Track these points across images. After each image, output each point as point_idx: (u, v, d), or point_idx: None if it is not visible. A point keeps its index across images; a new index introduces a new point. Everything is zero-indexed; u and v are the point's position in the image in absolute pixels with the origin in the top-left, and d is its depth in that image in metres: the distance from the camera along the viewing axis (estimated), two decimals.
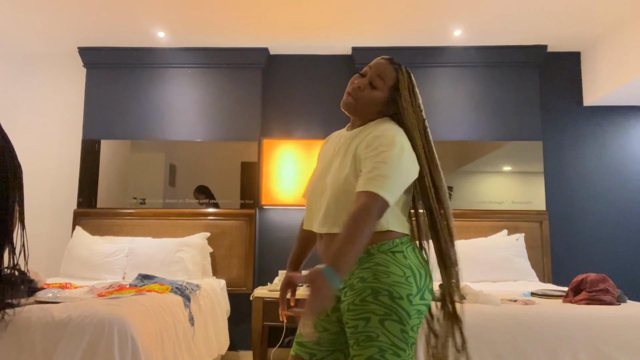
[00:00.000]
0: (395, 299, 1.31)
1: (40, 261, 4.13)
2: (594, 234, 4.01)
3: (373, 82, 1.48)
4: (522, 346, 1.99)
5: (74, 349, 1.97)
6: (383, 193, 1.30)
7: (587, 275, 2.46)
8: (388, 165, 1.33)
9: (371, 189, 1.30)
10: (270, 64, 4.27)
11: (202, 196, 4.00)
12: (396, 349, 1.31)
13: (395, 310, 1.31)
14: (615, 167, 4.06)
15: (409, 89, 1.48)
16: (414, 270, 1.37)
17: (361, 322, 1.32)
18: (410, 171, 1.39)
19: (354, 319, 1.34)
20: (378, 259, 1.36)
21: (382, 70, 1.49)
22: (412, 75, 1.52)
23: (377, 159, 1.34)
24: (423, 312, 1.37)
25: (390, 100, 1.49)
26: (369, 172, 1.33)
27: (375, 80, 1.48)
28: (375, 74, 1.48)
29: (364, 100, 1.48)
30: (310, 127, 4.17)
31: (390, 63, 1.50)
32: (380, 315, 1.31)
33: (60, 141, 4.25)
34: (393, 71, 1.49)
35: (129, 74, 4.17)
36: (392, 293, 1.32)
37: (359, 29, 3.80)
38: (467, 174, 3.99)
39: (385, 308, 1.31)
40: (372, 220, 1.28)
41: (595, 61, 3.98)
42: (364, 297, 1.33)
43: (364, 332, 1.32)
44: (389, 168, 1.33)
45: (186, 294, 2.85)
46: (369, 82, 1.48)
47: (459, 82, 4.09)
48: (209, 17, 3.63)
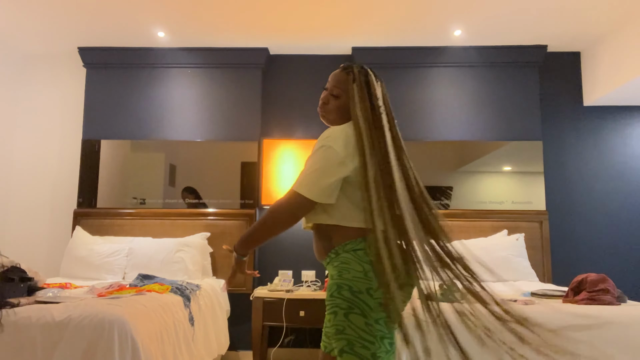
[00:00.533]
0: (355, 293, 1.41)
1: (40, 261, 4.13)
2: (594, 234, 4.01)
3: (333, 92, 1.61)
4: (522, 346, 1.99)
5: (74, 349, 1.97)
6: (300, 189, 1.45)
7: (587, 275, 2.46)
8: (310, 163, 1.49)
9: (293, 187, 1.48)
10: (270, 64, 4.27)
11: (192, 196, 4.00)
12: (363, 342, 1.39)
13: (357, 304, 1.41)
14: (615, 167, 4.06)
15: (360, 84, 1.56)
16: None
17: (331, 316, 1.44)
18: (332, 166, 1.46)
19: (327, 313, 1.47)
20: (342, 257, 1.47)
21: (337, 79, 1.61)
22: (370, 72, 1.60)
23: (308, 159, 1.51)
24: None
25: None
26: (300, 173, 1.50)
27: (334, 90, 1.61)
28: (333, 84, 1.61)
29: (331, 111, 1.62)
30: (310, 127, 4.17)
31: (343, 69, 1.62)
32: (345, 309, 1.41)
33: (60, 141, 4.25)
34: (345, 75, 1.60)
35: (129, 74, 4.17)
36: (352, 287, 1.42)
37: (359, 29, 3.80)
38: (467, 174, 3.99)
39: (348, 302, 1.41)
40: (281, 214, 1.45)
41: (595, 61, 3.98)
42: (331, 292, 1.45)
43: (334, 326, 1.42)
44: (309, 166, 1.48)
45: (186, 294, 2.85)
46: (330, 94, 1.62)
47: (459, 82, 4.09)
48: (209, 17, 3.63)
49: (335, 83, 1.61)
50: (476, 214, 3.90)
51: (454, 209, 3.94)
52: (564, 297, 2.50)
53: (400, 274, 1.42)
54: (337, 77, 1.62)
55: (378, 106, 1.55)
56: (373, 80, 1.59)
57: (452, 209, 3.94)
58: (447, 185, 3.98)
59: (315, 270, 4.02)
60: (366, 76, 1.58)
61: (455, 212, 3.91)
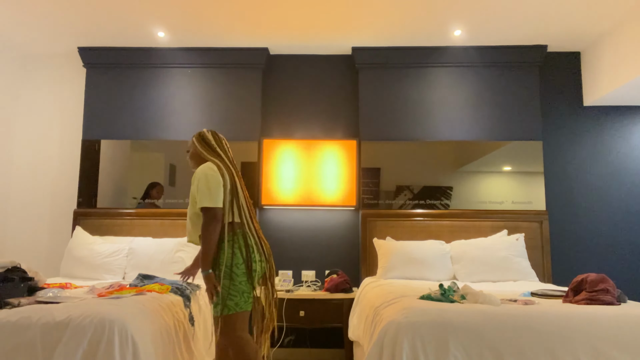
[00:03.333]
0: (230, 267, 2.30)
1: (40, 261, 4.13)
2: (594, 234, 4.01)
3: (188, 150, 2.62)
4: (522, 346, 1.99)
5: (74, 349, 1.97)
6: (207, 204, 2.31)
7: (587, 275, 2.46)
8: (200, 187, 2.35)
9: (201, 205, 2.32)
10: (270, 64, 4.27)
11: (154, 190, 4.00)
12: (231, 296, 2.30)
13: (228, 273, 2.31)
14: (615, 167, 4.06)
15: (201, 142, 2.55)
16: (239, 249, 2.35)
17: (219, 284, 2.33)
18: (216, 186, 2.35)
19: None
20: (220, 246, 2.33)
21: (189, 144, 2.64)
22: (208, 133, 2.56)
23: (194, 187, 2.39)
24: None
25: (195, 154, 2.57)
26: (197, 197, 2.35)
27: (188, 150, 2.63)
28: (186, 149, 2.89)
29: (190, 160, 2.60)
30: (310, 127, 4.17)
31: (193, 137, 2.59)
32: (221, 278, 2.30)
33: (60, 141, 4.26)
34: (192, 139, 2.59)
35: (129, 74, 4.17)
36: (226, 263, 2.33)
37: (359, 29, 3.80)
38: (467, 174, 3.99)
39: (222, 272, 2.31)
40: (212, 225, 2.30)
41: (595, 61, 3.98)
42: (214, 269, 2.34)
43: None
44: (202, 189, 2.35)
45: (186, 294, 2.86)
46: (187, 151, 2.63)
47: (459, 82, 4.09)
48: (209, 17, 3.63)
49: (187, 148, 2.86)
50: (476, 214, 3.90)
51: (454, 209, 3.94)
52: (564, 297, 2.51)
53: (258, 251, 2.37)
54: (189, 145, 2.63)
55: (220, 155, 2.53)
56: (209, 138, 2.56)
57: (452, 209, 3.94)
58: (447, 185, 3.98)
59: (315, 270, 4.03)
60: (203, 136, 2.56)
61: (455, 212, 3.91)
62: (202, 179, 2.33)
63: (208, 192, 2.30)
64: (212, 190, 2.31)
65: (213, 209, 2.30)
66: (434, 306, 2.15)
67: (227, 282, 2.25)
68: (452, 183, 3.98)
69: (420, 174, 4.00)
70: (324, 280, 3.93)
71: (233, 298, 2.25)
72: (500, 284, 3.34)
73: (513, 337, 2.00)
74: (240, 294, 2.27)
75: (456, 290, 2.46)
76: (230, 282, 2.25)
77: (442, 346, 1.99)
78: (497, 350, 1.99)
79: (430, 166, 4.00)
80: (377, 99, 4.09)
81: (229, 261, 2.27)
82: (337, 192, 4.00)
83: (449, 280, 3.50)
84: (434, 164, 4.00)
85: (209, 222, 2.28)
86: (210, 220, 2.28)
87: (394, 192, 3.99)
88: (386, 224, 3.92)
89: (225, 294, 2.25)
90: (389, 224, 3.92)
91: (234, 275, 2.26)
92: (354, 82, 4.23)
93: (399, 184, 3.99)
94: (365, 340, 2.52)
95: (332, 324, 3.53)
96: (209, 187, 2.31)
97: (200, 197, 2.31)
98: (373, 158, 4.02)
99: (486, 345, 1.99)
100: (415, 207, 3.96)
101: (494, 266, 3.46)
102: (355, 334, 3.02)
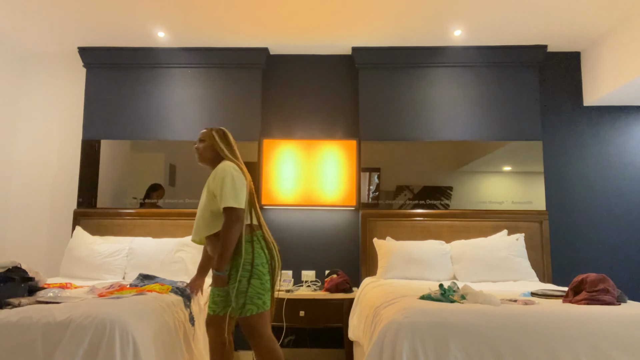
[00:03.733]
0: (256, 267, 2.30)
1: (40, 261, 4.13)
2: (594, 234, 4.01)
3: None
4: (522, 346, 1.99)
5: (75, 349, 1.97)
6: (232, 204, 2.28)
7: (587, 275, 2.46)
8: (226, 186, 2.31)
9: (224, 205, 2.28)
10: (270, 64, 4.27)
11: (155, 194, 4.00)
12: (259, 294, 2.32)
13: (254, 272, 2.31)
14: (615, 167, 4.07)
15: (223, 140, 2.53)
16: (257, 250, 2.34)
17: (236, 284, 2.28)
18: (241, 187, 2.33)
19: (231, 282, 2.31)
20: (240, 247, 2.31)
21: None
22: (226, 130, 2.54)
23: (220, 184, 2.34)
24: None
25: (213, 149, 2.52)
26: (219, 195, 2.31)
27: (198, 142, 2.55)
28: (198, 138, 2.57)
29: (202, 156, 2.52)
30: (310, 127, 4.17)
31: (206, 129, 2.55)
32: (247, 277, 2.27)
33: (60, 141, 4.26)
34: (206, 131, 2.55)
35: (129, 74, 4.17)
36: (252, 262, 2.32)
37: (359, 29, 3.80)
38: (467, 174, 3.99)
39: (248, 272, 2.29)
40: (235, 226, 2.26)
41: (595, 61, 3.98)
42: (237, 268, 2.30)
43: (239, 289, 2.27)
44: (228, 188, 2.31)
45: (187, 294, 2.86)
46: (200, 140, 2.53)
47: (459, 82, 4.09)
48: (209, 17, 3.63)
49: (200, 137, 2.59)
50: (476, 214, 3.91)
51: (454, 209, 3.94)
52: (564, 297, 2.51)
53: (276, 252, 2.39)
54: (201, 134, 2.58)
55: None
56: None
57: (452, 209, 3.94)
58: (447, 185, 3.99)
59: (315, 270, 4.03)
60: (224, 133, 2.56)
61: (455, 212, 3.91)
62: (228, 178, 2.29)
63: (234, 192, 2.28)
64: (238, 191, 2.28)
65: (237, 209, 2.27)
66: (434, 306, 2.15)
67: (257, 281, 2.26)
68: (452, 183, 3.99)
69: (420, 174, 4.00)
70: (324, 280, 3.93)
71: (261, 297, 2.26)
72: (500, 284, 3.34)
73: (513, 337, 2.00)
74: (266, 292, 2.29)
75: (456, 290, 2.46)
76: (259, 281, 2.26)
77: (442, 346, 1.99)
78: (497, 350, 1.99)
79: (430, 166, 4.00)
80: (377, 99, 4.09)
81: (254, 261, 2.27)
82: (337, 192, 4.00)
83: (449, 280, 3.50)
84: (434, 164, 4.00)
85: (232, 223, 2.25)
86: (234, 220, 2.25)
87: (394, 192, 3.99)
88: (386, 224, 3.93)
89: (253, 294, 2.25)
90: (389, 224, 3.93)
91: (260, 274, 2.27)
92: (354, 82, 4.23)
93: (399, 184, 4.00)
94: (365, 340, 2.52)
95: (332, 324, 3.53)
96: (235, 187, 2.28)
97: (226, 196, 2.27)
98: (373, 158, 4.02)
99: (486, 345, 1.99)
100: (415, 207, 3.96)
101: (494, 266, 3.47)
102: (355, 334, 3.02)
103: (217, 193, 2.31)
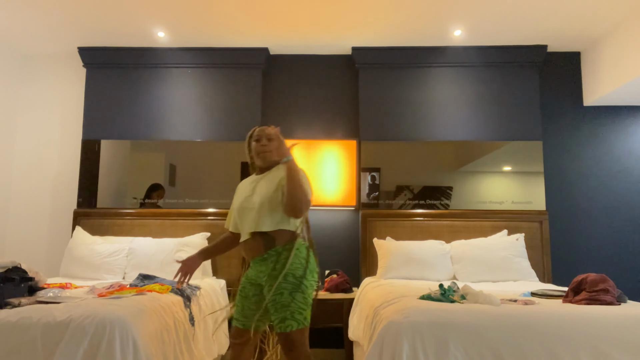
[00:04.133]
0: (297, 277, 2.07)
1: (40, 261, 4.13)
2: (594, 234, 4.01)
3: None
4: (522, 346, 1.99)
5: (75, 349, 1.97)
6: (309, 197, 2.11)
7: (587, 275, 2.46)
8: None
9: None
10: (270, 64, 4.27)
11: (155, 194, 4.00)
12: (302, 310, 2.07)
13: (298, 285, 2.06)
14: (615, 167, 4.06)
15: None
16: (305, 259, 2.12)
17: (277, 296, 2.04)
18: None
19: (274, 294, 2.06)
20: (285, 254, 2.09)
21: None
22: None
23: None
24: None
25: None
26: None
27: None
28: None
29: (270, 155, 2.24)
30: (310, 127, 4.17)
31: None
32: (290, 290, 2.05)
33: (60, 141, 4.26)
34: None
35: (129, 74, 4.17)
36: (295, 274, 2.07)
37: (359, 29, 3.80)
38: (467, 174, 3.99)
39: (292, 284, 2.06)
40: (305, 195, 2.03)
41: (595, 61, 3.98)
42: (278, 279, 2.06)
43: (279, 302, 2.04)
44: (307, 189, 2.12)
45: (186, 294, 2.86)
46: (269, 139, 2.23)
47: (459, 82, 4.09)
48: (209, 17, 3.63)
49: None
50: (476, 214, 3.90)
51: (454, 209, 3.94)
52: (564, 297, 2.51)
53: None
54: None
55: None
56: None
57: (452, 209, 3.94)
58: (447, 185, 3.99)
59: None
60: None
61: (455, 212, 3.91)
62: (305, 179, 2.14)
63: (309, 192, 2.14)
64: (309, 196, 2.13)
65: (309, 203, 2.11)
66: (434, 306, 2.15)
67: (300, 295, 2.06)
68: (452, 183, 3.99)
69: (420, 174, 4.00)
70: (324, 280, 3.93)
71: (303, 312, 2.08)
72: (500, 284, 3.34)
73: (513, 337, 2.00)
74: (308, 308, 2.11)
75: (456, 290, 2.46)
76: (303, 295, 2.07)
77: (442, 346, 1.99)
78: (497, 350, 1.99)
79: (430, 166, 4.00)
80: (377, 99, 4.09)
81: (300, 272, 2.08)
82: (337, 192, 4.00)
83: (449, 280, 3.50)
84: (434, 164, 4.00)
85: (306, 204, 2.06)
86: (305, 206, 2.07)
87: (394, 192, 3.99)
88: (386, 224, 3.93)
89: (295, 309, 2.06)
90: (389, 224, 3.93)
91: (305, 288, 2.09)
92: (354, 82, 4.23)
93: (399, 184, 4.00)
94: (365, 340, 2.52)
95: (332, 324, 3.53)
96: (309, 192, 2.14)
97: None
98: (373, 158, 4.02)
99: (486, 345, 1.99)
100: (415, 207, 3.96)
101: (494, 266, 3.47)
102: (355, 334, 3.02)
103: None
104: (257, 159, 2.25)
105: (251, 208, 2.14)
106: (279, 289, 2.06)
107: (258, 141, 2.24)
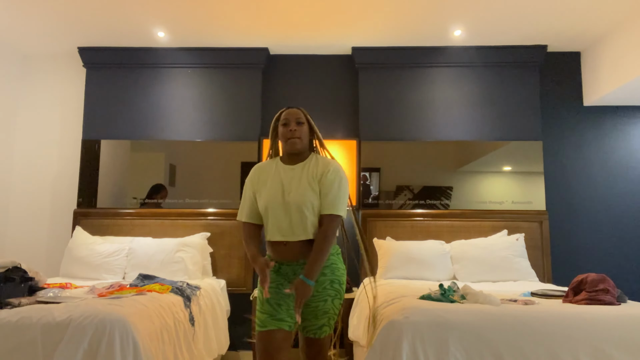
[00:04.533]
0: (342, 285, 2.01)
1: (40, 261, 4.13)
2: (594, 234, 4.01)
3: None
4: (522, 346, 1.99)
5: (75, 349, 1.97)
6: (341, 213, 1.96)
7: (587, 275, 2.46)
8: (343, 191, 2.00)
9: (333, 211, 1.95)
10: (270, 64, 4.27)
11: (158, 195, 4.00)
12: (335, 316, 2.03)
13: (340, 292, 2.01)
14: (616, 167, 4.06)
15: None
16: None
17: (321, 303, 1.97)
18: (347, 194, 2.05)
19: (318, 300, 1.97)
20: (331, 260, 2.00)
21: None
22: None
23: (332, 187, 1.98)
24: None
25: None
26: (329, 198, 1.96)
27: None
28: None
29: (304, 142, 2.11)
30: None
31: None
32: (333, 297, 1.98)
33: (60, 141, 4.26)
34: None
35: (129, 74, 4.17)
36: (340, 281, 2.01)
37: (359, 29, 3.80)
38: (467, 174, 3.99)
39: (337, 291, 1.99)
40: (335, 236, 1.94)
41: (595, 61, 3.98)
42: (324, 285, 1.97)
43: (322, 309, 1.97)
44: (343, 194, 2.00)
45: (186, 294, 2.86)
46: (300, 122, 2.07)
47: (459, 82, 4.09)
48: (209, 17, 3.63)
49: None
50: (476, 214, 3.90)
51: (454, 209, 3.94)
52: (564, 297, 2.51)
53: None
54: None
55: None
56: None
57: (452, 209, 3.94)
58: (447, 185, 3.99)
59: None
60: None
61: (455, 212, 3.91)
62: (344, 182, 2.00)
63: (345, 200, 2.00)
64: (346, 200, 2.01)
65: (341, 219, 1.99)
66: (434, 306, 2.15)
67: (338, 302, 1.99)
68: (452, 183, 3.99)
69: (420, 174, 4.00)
70: None
71: (335, 317, 2.01)
72: (500, 284, 3.34)
73: (513, 337, 2.00)
74: (338, 313, 2.03)
75: (456, 290, 2.46)
76: (339, 301, 2.00)
77: (442, 346, 1.99)
78: (497, 350, 1.99)
79: (430, 166, 4.00)
80: (377, 99, 4.09)
81: (344, 278, 2.01)
82: None
83: (449, 280, 3.50)
84: (434, 164, 4.00)
85: (334, 233, 1.93)
86: (336, 230, 1.95)
87: (394, 192, 3.99)
88: (386, 224, 3.93)
89: (332, 314, 1.98)
90: (389, 224, 3.93)
91: (342, 293, 2.01)
92: (354, 82, 4.23)
93: (399, 184, 4.00)
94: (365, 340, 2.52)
95: None
96: (346, 195, 2.00)
97: (339, 203, 1.96)
98: (373, 158, 4.02)
99: (486, 345, 1.99)
100: (415, 207, 3.96)
101: (494, 266, 3.47)
102: (355, 334, 3.02)
103: (326, 192, 1.96)
104: (285, 145, 2.02)
105: (289, 208, 1.95)
106: (324, 295, 1.95)
107: (286, 125, 2.02)
